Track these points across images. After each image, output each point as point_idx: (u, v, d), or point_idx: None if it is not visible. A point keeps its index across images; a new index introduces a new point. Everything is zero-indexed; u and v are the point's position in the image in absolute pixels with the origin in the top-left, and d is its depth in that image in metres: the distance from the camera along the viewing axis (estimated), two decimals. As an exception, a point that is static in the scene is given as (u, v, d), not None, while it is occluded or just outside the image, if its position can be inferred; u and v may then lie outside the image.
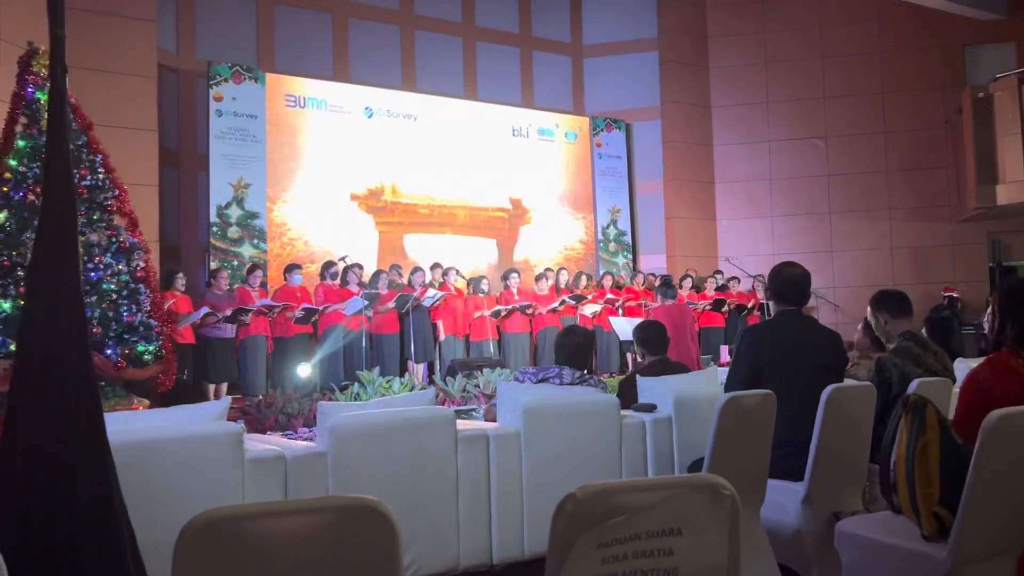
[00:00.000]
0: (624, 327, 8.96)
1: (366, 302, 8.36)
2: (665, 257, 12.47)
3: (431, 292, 9.16)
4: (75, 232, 1.87)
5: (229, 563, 1.21)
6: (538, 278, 10.30)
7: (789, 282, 3.28)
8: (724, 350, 9.96)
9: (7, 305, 5.88)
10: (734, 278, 11.31)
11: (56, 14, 1.85)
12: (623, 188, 12.65)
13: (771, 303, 3.37)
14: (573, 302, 9.97)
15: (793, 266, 3.33)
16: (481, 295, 9.55)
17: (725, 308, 10.79)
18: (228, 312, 7.91)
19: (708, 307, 10.63)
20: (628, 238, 12.63)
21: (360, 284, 8.76)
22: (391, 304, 8.77)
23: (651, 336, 4.41)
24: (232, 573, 1.21)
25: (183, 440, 2.71)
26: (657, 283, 8.04)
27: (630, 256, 12.54)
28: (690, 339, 6.20)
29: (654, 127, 12.62)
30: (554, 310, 9.86)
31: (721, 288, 11.23)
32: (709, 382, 4.14)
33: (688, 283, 10.75)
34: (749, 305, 10.99)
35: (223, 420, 2.94)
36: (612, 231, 12.52)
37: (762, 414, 2.86)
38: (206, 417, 2.92)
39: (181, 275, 8.09)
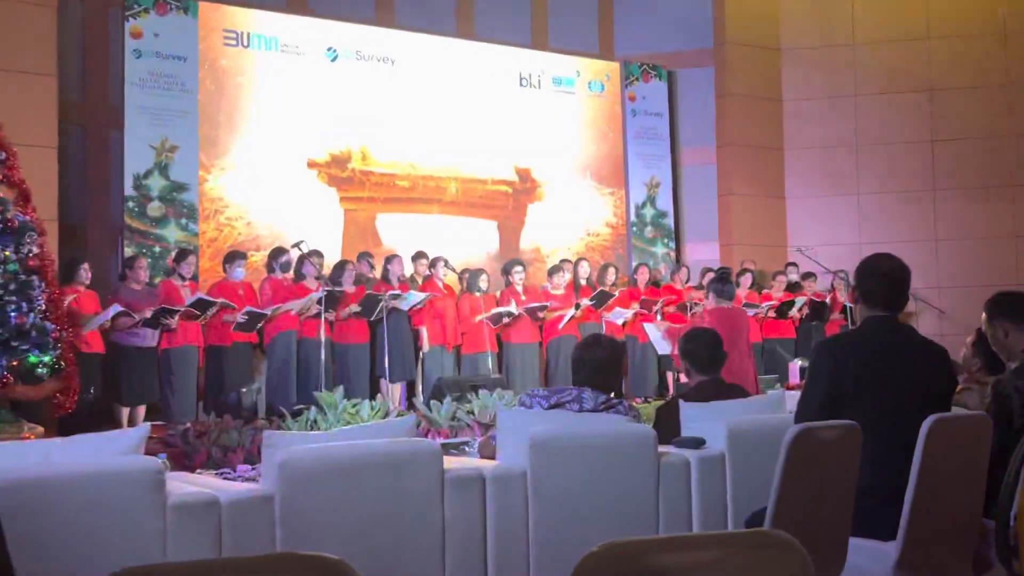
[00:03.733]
0: (664, 337, 8.95)
1: (323, 294, 8.35)
2: (718, 246, 12.44)
3: (412, 293, 9.16)
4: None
5: (146, 638, 1.21)
6: (551, 272, 10.30)
7: (881, 280, 3.27)
8: (794, 368, 9.95)
9: None
10: (809, 275, 11.30)
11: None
12: (664, 156, 12.63)
13: (857, 307, 3.36)
14: (593, 303, 9.96)
15: (887, 259, 3.32)
16: (477, 294, 9.57)
17: (795, 313, 10.77)
18: (148, 313, 7.92)
19: (772, 313, 10.61)
20: (670, 221, 12.62)
21: (319, 278, 8.77)
22: (355, 308, 8.77)
23: (700, 349, 4.41)
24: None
25: (87, 479, 2.71)
26: (710, 278, 8.00)
27: (672, 244, 12.53)
28: (744, 354, 6.21)
29: (705, 76, 12.60)
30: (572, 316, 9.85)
31: (791, 287, 11.20)
32: (774, 410, 4.14)
33: (747, 280, 10.74)
34: (827, 309, 10.97)
35: (139, 453, 2.94)
36: (649, 211, 12.51)
37: (843, 452, 2.86)
38: (117, 449, 2.92)
39: (86, 265, 8.10)
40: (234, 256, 8.79)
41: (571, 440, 3.45)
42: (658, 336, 9.15)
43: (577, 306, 9.85)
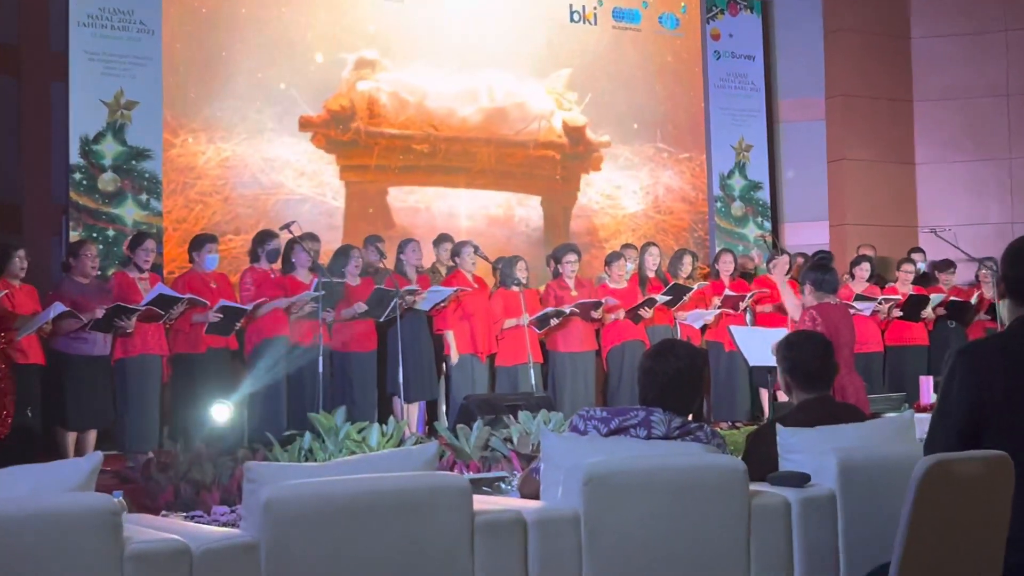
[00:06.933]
0: (757, 344, 8.88)
1: (322, 293, 8.40)
2: (827, 227, 12.34)
3: (434, 288, 9.17)
4: None
5: None
6: (610, 260, 10.28)
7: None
8: (927, 384, 9.83)
9: None
10: (946, 263, 11.17)
11: None
12: (757, 111, 12.55)
13: (1004, 304, 3.32)
14: (666, 300, 9.92)
15: (1047, 241, 3.29)
16: (516, 288, 9.55)
17: (929, 313, 10.66)
18: (98, 313, 7.99)
19: (897, 312, 10.50)
20: (765, 194, 12.53)
21: (314, 269, 8.80)
22: (361, 307, 8.79)
23: (805, 358, 4.37)
24: None
25: (24, 521, 2.74)
26: (807, 267, 7.94)
27: (768, 225, 12.44)
28: (847, 365, 6.15)
29: (810, 7, 12.50)
30: (636, 316, 9.82)
31: (922, 280, 11.07)
32: (900, 437, 4.10)
33: (864, 270, 10.64)
34: (970, 308, 10.84)
35: (90, 490, 2.98)
36: (738, 182, 12.43)
37: (989, 491, 2.83)
38: (62, 484, 2.95)
39: (22, 252, 8.18)
40: (202, 240, 8.81)
41: (637, 475, 3.45)
42: (751, 342, 9.07)
43: (652, 301, 9.77)
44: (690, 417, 3.85)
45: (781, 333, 6.70)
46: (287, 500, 3.05)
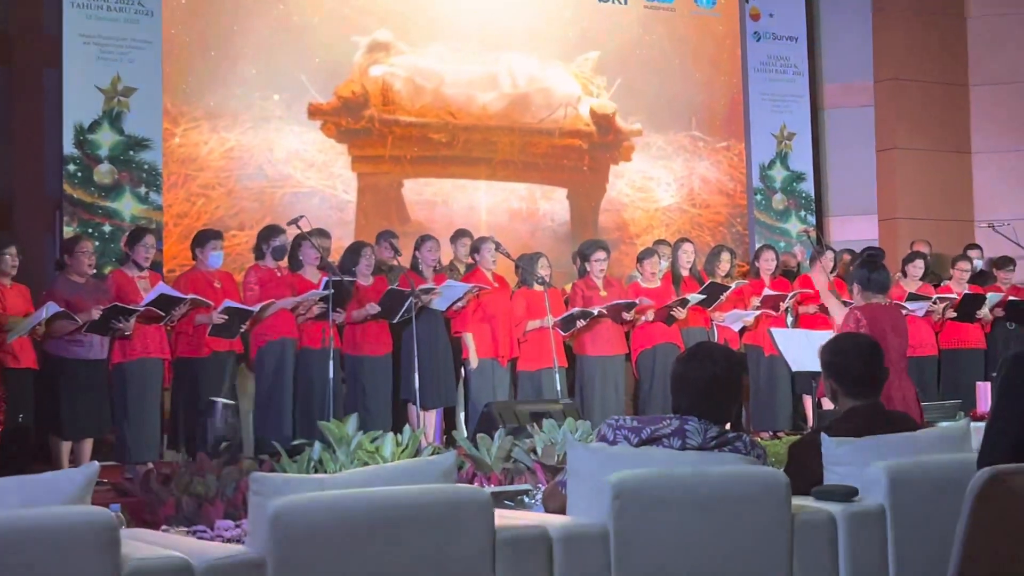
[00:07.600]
0: (799, 347, 8.86)
1: (331, 292, 8.41)
2: (876, 220, 12.29)
3: (450, 284, 9.18)
4: None
5: None
6: (641, 258, 10.26)
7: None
8: (984, 390, 9.78)
9: None
10: (1006, 260, 11.11)
11: None
12: (800, 96, 12.51)
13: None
14: (701, 300, 9.90)
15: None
16: (539, 288, 9.55)
17: (986, 314, 10.60)
18: (95, 314, 8.02)
19: (952, 312, 10.45)
20: (808, 186, 12.48)
21: (323, 266, 8.82)
22: (374, 308, 8.80)
23: (851, 362, 4.36)
24: None
25: (15, 536, 2.76)
26: (855, 264, 7.91)
27: (812, 219, 12.40)
28: (897, 369, 6.12)
29: (858, -16, 12.49)
30: (669, 318, 9.80)
31: (979, 278, 11.01)
32: (955, 448, 4.08)
33: (917, 268, 10.60)
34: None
35: (86, 503, 2.99)
36: (780, 173, 12.39)
37: (1052, 506, 2.82)
38: (56, 497, 2.97)
39: (13, 250, 8.22)
40: (207, 236, 8.83)
41: (670, 488, 3.44)
42: (793, 345, 9.04)
43: (685, 301, 9.75)
44: (728, 426, 3.84)
45: (826, 336, 6.67)
46: (295, 514, 3.05)
